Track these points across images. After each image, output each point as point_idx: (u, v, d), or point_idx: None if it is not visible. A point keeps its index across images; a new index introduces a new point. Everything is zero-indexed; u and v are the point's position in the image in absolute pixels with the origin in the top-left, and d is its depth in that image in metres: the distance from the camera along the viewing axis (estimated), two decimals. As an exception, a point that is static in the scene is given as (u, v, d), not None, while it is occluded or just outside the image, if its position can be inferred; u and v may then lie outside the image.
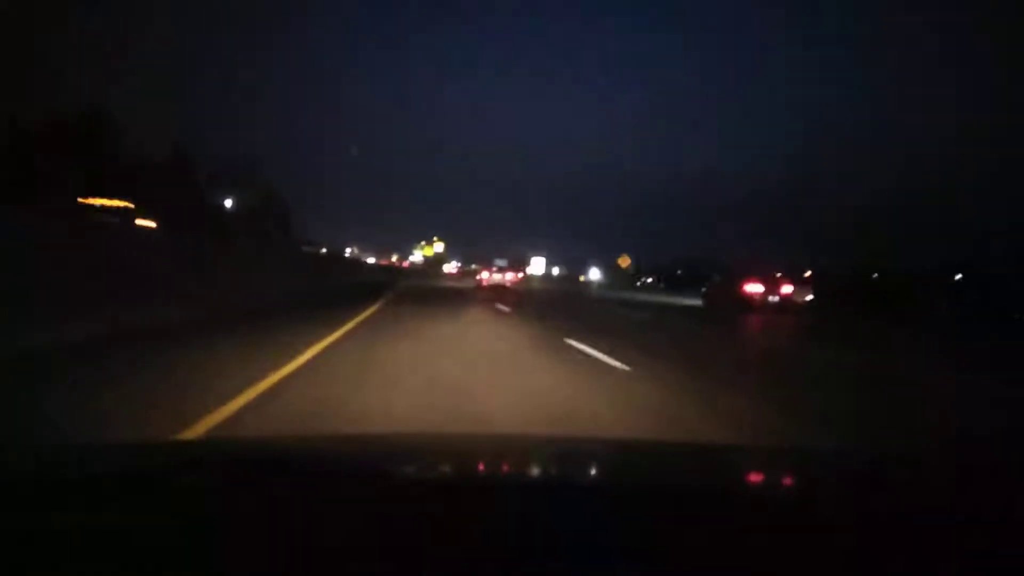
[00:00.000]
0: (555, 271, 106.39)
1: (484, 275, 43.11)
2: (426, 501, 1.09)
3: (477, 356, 7.58)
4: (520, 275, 49.62)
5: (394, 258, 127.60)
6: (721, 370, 8.00)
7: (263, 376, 5.25)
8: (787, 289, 25.39)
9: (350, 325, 10.01)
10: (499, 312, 16.56)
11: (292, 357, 6.35)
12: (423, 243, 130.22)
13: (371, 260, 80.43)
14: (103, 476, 1.16)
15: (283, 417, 4.12)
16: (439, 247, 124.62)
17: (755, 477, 1.63)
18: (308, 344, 7.27)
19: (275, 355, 6.31)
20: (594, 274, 75.01)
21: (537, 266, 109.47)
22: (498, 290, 33.86)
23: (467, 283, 45.96)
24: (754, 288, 25.19)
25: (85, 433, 3.47)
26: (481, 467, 1.58)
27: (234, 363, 5.81)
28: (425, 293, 25.83)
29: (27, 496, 1.02)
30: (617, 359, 7.55)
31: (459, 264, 47.14)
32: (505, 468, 1.58)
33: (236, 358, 6.15)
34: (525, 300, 24.48)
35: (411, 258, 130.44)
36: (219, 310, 10.32)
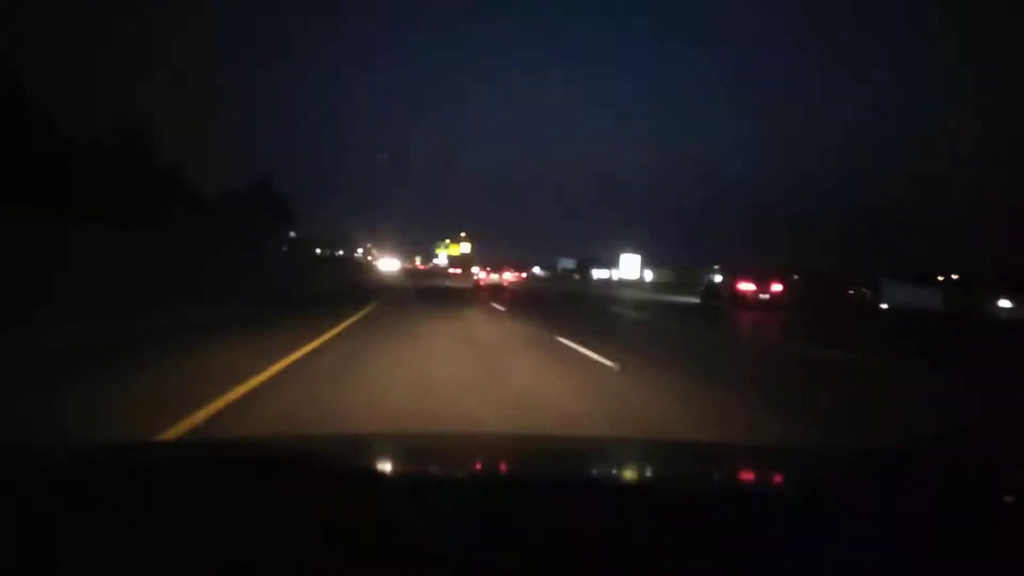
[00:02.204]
0: (648, 274, 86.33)
1: (481, 275, 45.15)
2: (424, 501, 1.11)
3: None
4: (523, 275, 50.80)
5: (417, 260, 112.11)
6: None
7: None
8: (777, 288, 27.32)
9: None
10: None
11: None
12: (447, 241, 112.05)
13: (385, 263, 67.56)
14: (101, 476, 1.19)
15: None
16: (465, 247, 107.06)
17: (754, 477, 1.64)
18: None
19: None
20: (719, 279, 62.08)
21: (629, 267, 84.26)
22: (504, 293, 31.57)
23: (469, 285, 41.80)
24: (746, 287, 27.15)
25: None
26: (480, 467, 1.61)
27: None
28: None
29: (26, 495, 1.05)
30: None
31: (488, 268, 47.16)
32: (504, 468, 1.61)
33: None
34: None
35: (435, 260, 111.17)
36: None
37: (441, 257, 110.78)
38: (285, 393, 5.28)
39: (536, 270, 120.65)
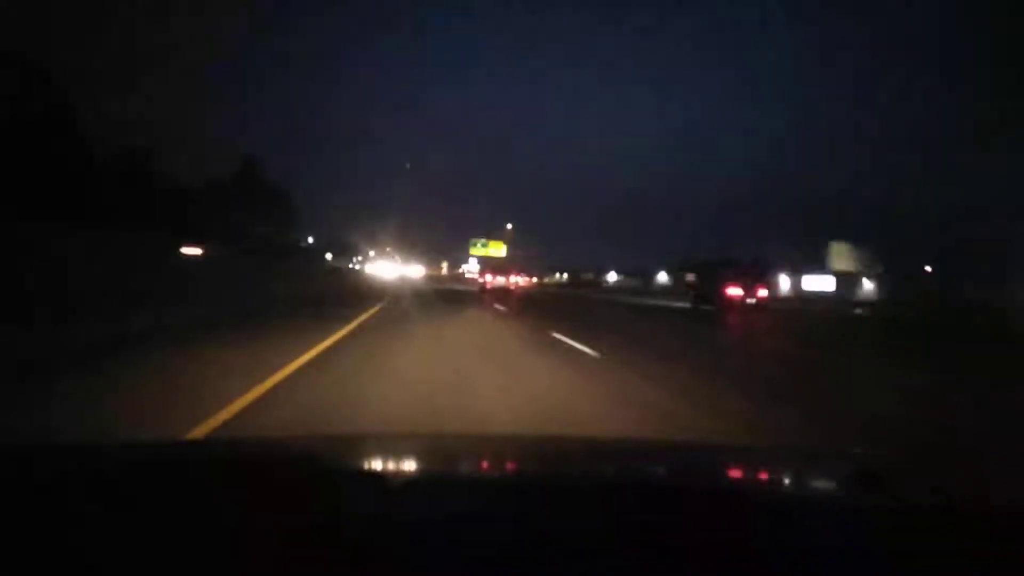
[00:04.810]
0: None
1: (488, 277, 46.58)
2: (426, 501, 1.13)
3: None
4: (533, 280, 51.70)
5: (444, 267, 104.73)
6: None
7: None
8: (763, 293, 28.10)
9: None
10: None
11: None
12: (482, 241, 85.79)
13: (387, 268, 63.81)
14: (105, 476, 1.22)
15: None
16: (495, 252, 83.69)
17: (755, 477, 1.68)
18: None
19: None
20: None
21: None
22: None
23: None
24: (734, 291, 27.93)
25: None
26: (481, 467, 1.67)
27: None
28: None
29: (32, 496, 1.07)
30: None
31: (494, 272, 45.19)
32: (505, 468, 1.66)
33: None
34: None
35: (464, 266, 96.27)
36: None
37: (471, 262, 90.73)
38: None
39: (612, 276, 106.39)
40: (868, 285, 49.54)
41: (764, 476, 1.68)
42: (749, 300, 27.64)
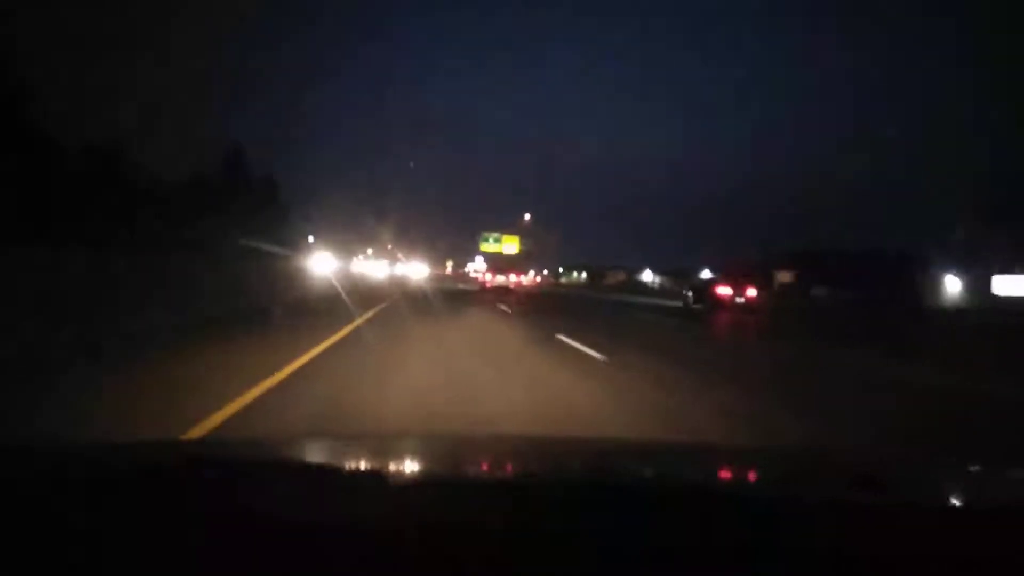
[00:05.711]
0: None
1: (488, 276, 45.91)
2: (425, 501, 1.13)
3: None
4: (539, 278, 50.68)
5: (448, 266, 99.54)
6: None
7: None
8: (752, 292, 28.21)
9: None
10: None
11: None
12: (495, 235, 69.68)
13: (389, 267, 57.59)
14: (105, 476, 1.21)
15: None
16: (509, 247, 70.41)
17: (755, 477, 1.69)
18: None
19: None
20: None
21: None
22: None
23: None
24: (724, 291, 28.17)
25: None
26: (481, 467, 1.68)
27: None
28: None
29: (31, 496, 1.06)
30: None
31: (493, 270, 43.63)
32: (505, 468, 1.67)
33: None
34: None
35: (470, 265, 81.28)
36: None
37: (478, 260, 72.96)
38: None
39: (647, 276, 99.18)
40: None
41: (764, 476, 1.70)
42: (738, 299, 28.04)
